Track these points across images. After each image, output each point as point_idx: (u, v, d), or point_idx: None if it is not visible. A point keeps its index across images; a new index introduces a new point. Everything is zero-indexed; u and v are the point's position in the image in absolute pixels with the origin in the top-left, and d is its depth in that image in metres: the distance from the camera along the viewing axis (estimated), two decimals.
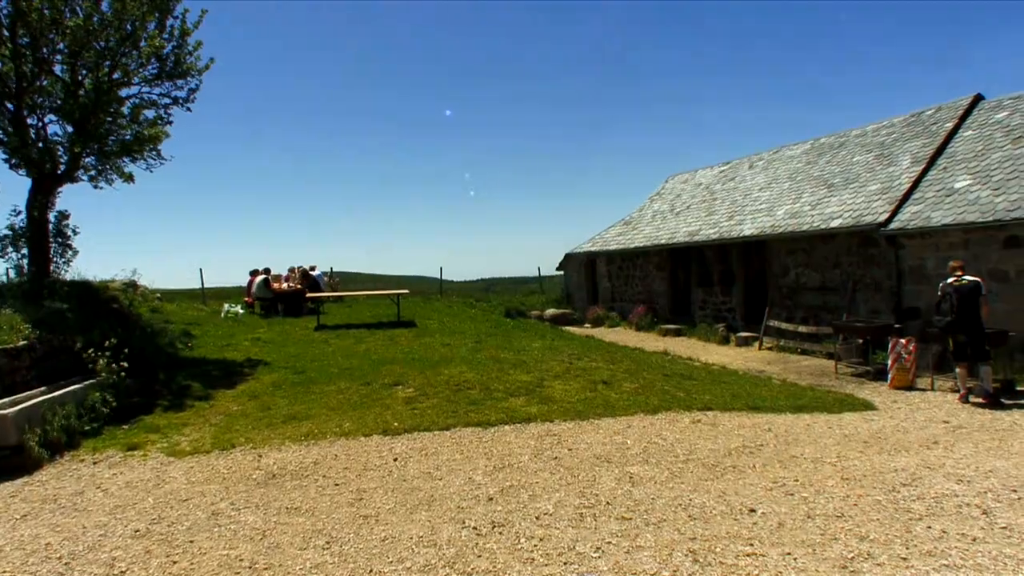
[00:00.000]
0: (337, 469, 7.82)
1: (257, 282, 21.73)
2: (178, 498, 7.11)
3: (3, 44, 13.46)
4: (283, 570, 5.26)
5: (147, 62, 14.67)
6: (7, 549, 6.03)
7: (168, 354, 13.89)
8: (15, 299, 12.21)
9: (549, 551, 5.37)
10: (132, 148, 14.99)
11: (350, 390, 11.40)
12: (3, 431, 8.33)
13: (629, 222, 28.63)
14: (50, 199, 14.39)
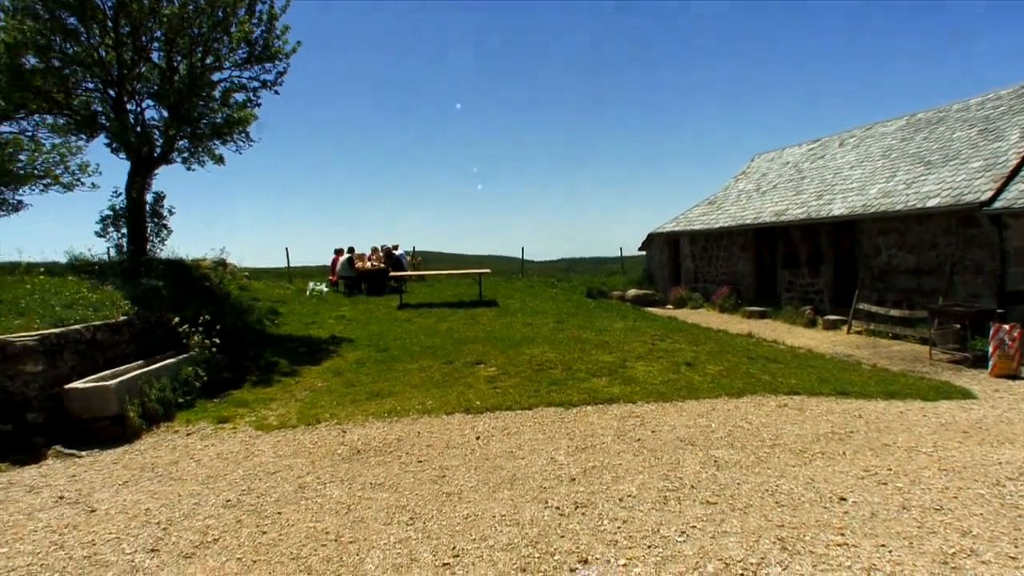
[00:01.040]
0: (420, 446, 7.91)
1: (341, 261, 22.14)
2: (266, 471, 7.31)
3: (107, 34, 14.03)
4: (368, 544, 5.34)
5: (237, 47, 15.05)
6: (112, 512, 6.33)
7: (256, 331, 14.30)
8: (115, 276, 12.77)
9: (632, 533, 5.30)
10: (223, 130, 15.44)
11: (432, 368, 11.51)
12: (106, 401, 8.75)
13: (713, 202, 28.03)
14: (147, 181, 14.96)
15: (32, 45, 13.75)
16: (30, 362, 8.52)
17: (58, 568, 5.23)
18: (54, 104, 15.04)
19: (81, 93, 15.01)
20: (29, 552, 5.56)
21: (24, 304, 10.17)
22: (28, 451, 8.26)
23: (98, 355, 9.93)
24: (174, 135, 14.75)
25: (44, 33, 13.72)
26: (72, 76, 14.53)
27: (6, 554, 5.55)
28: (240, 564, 5.13)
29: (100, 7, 13.75)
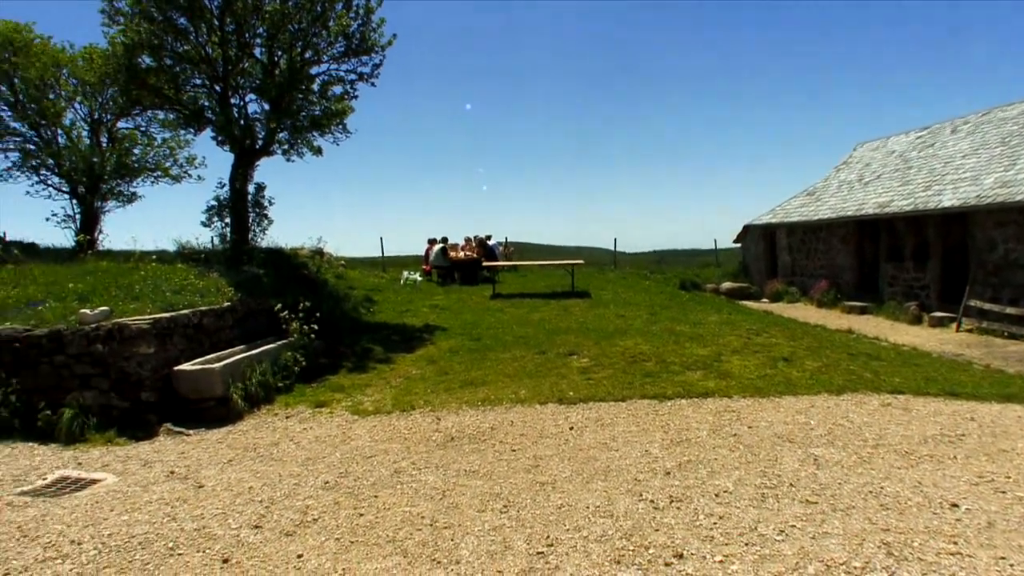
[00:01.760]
0: (513, 435, 7.94)
1: (435, 251, 22.44)
2: (363, 455, 7.47)
3: (213, 32, 14.60)
4: (462, 530, 5.39)
5: (335, 40, 15.40)
6: (218, 489, 6.60)
7: (352, 318, 14.63)
8: (220, 264, 13.28)
9: (729, 530, 5.18)
10: (321, 123, 15.85)
11: (525, 358, 11.53)
12: (212, 383, 9.13)
13: (812, 193, 27.16)
14: (249, 172, 15.49)
15: (147, 45, 14.45)
16: (144, 344, 8.96)
17: (171, 538, 5.49)
18: (165, 100, 15.74)
19: (189, 89, 15.66)
20: (146, 521, 5.86)
21: (138, 290, 10.68)
22: (142, 427, 8.71)
23: (204, 339, 10.35)
24: (275, 128, 15.22)
25: (157, 34, 14.39)
26: (182, 73, 15.19)
27: (127, 521, 5.87)
28: (339, 544, 5.25)
29: (207, 6, 14.31)
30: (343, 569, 4.86)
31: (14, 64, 21.26)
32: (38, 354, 8.96)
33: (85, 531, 5.71)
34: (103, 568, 5.04)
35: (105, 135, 23.50)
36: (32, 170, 22.97)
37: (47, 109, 22.22)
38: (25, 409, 8.77)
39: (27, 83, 21.65)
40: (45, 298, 10.23)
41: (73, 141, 23.00)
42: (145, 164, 23.90)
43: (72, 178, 22.82)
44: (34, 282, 11.13)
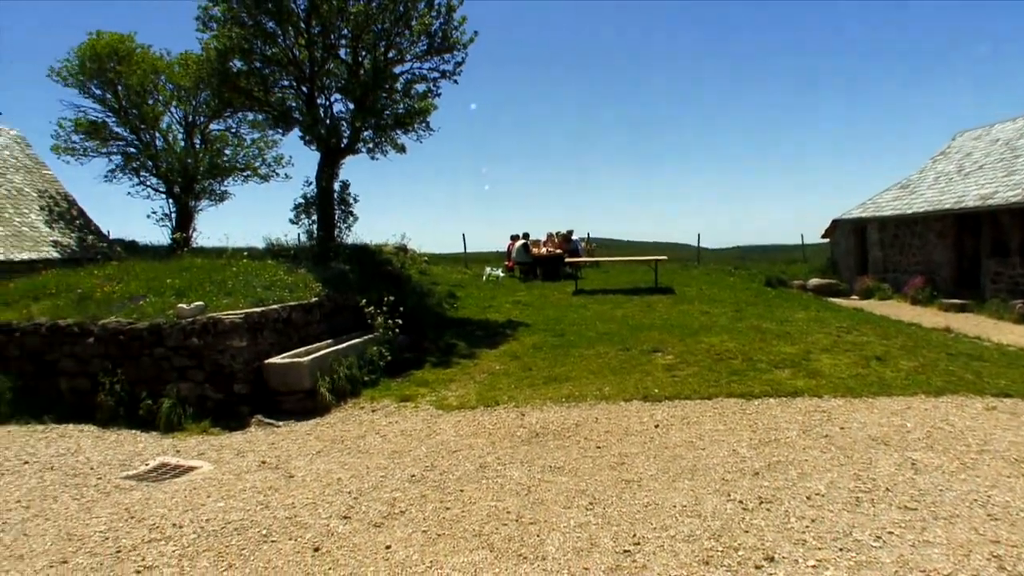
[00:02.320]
0: (598, 432, 7.87)
1: (517, 247, 22.48)
2: (448, 449, 7.53)
3: (300, 35, 15.00)
4: (548, 526, 5.37)
5: (417, 39, 15.59)
6: (307, 479, 6.76)
7: (436, 314, 14.78)
8: (307, 260, 13.60)
9: (822, 534, 5.02)
10: (404, 121, 16.08)
11: (609, 355, 11.43)
12: (300, 376, 9.35)
13: (906, 185, 26.12)
14: (335, 171, 15.82)
15: (238, 49, 14.94)
16: (236, 338, 9.23)
17: (265, 525, 5.65)
18: (255, 102, 16.22)
19: (278, 91, 16.11)
20: (241, 508, 6.05)
21: (231, 285, 11.02)
22: (235, 418, 8.98)
23: (293, 333, 10.61)
24: (360, 127, 15.49)
25: (247, 38, 14.85)
26: (270, 75, 15.64)
27: (222, 508, 6.08)
28: (425, 536, 5.30)
29: (294, 10, 14.69)
30: (430, 561, 4.90)
31: (118, 72, 22.33)
32: (140, 346, 9.36)
33: (185, 515, 5.93)
34: (202, 551, 5.23)
35: (199, 137, 24.44)
36: (133, 172, 24.10)
37: (146, 114, 23.25)
38: (128, 398, 9.17)
39: (129, 90, 22.68)
40: (146, 293, 10.65)
41: (169, 143, 24.00)
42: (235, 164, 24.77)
43: (168, 178, 23.81)
44: (136, 278, 11.60)
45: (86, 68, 22.52)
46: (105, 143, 23.77)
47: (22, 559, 5.27)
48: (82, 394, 9.51)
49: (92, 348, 9.55)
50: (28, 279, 12.83)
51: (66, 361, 9.71)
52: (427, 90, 16.29)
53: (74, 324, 9.79)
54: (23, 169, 22.17)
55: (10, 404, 9.53)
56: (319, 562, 4.96)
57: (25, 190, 21.31)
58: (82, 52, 22.42)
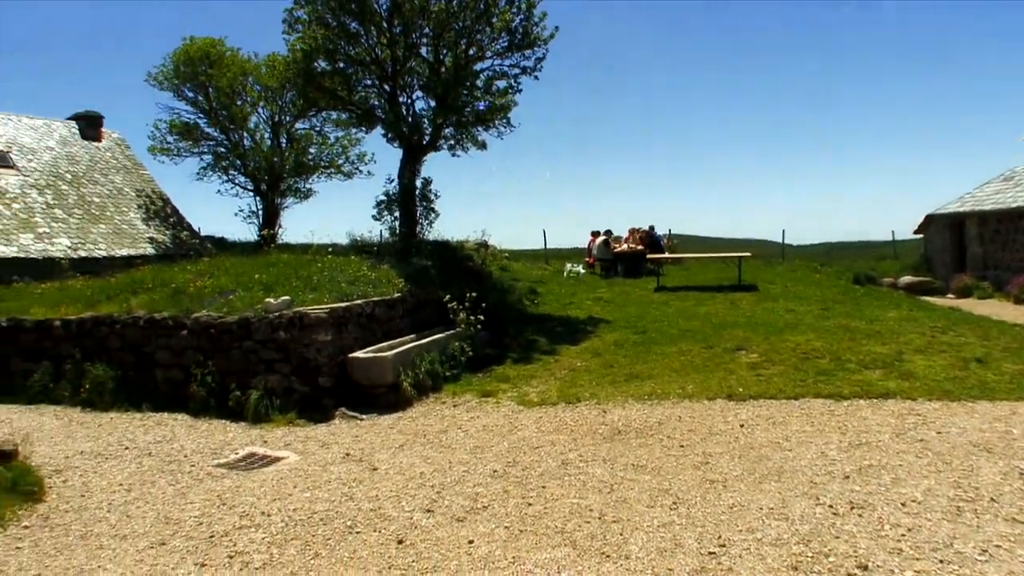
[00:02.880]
0: (681, 431, 7.73)
1: (598, 243, 22.33)
2: (530, 445, 7.50)
3: (382, 34, 15.23)
4: (631, 525, 5.29)
5: (498, 36, 15.62)
6: (391, 472, 6.84)
7: (516, 310, 14.78)
8: (390, 256, 13.79)
9: (920, 544, 4.78)
10: (485, 117, 16.16)
11: (692, 352, 11.23)
12: (383, 371, 9.48)
13: (1010, 178, 24.87)
14: (416, 167, 15.99)
15: (322, 50, 15.28)
16: (322, 332, 9.41)
17: (350, 516, 5.74)
18: (339, 101, 16.54)
19: (361, 90, 16.38)
20: (326, 499, 6.17)
21: (316, 280, 11.24)
22: (319, 411, 9.16)
23: (376, 328, 10.76)
24: (441, 124, 15.64)
25: (331, 39, 15.17)
26: (354, 75, 15.92)
27: (309, 498, 6.21)
28: (508, 532, 5.29)
29: (377, 10, 14.91)
30: (513, 557, 4.89)
31: (209, 75, 23.15)
32: (230, 339, 9.64)
33: (273, 504, 6.08)
34: (290, 539, 5.34)
35: (284, 136, 25.14)
36: (222, 170, 24.98)
37: (235, 114, 24.04)
38: (218, 389, 9.46)
39: (219, 92, 23.49)
40: (235, 288, 10.97)
41: (257, 143, 24.75)
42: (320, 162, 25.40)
43: (256, 177, 24.57)
44: (225, 273, 11.97)
45: (180, 72, 23.45)
46: (197, 143, 24.72)
47: (125, 539, 5.52)
48: (176, 384, 9.86)
49: (185, 340, 9.89)
50: (127, 274, 13.40)
51: (161, 353, 10.09)
52: (508, 87, 16.34)
53: (169, 317, 10.17)
54: (123, 170, 23.17)
55: (112, 393, 9.99)
56: (403, 554, 5.00)
57: (125, 189, 22.27)
58: (176, 57, 23.35)
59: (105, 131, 24.10)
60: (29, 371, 10.74)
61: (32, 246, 17.91)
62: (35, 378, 10.60)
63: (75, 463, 7.51)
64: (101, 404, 9.93)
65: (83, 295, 12.16)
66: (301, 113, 23.91)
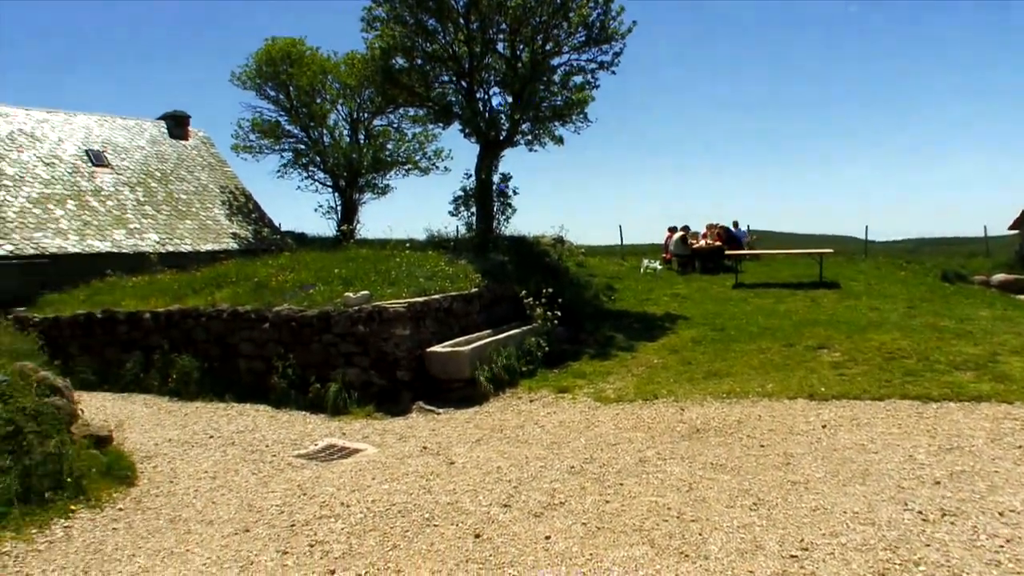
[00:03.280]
0: (761, 430, 7.56)
1: (674, 239, 22.02)
2: (607, 442, 7.45)
3: (459, 31, 15.32)
4: (710, 525, 5.20)
5: (575, 31, 15.52)
6: (468, 467, 6.88)
7: (593, 306, 14.71)
8: (467, 252, 13.87)
9: (1020, 556, 4.55)
10: (562, 113, 16.08)
11: (771, 350, 10.97)
12: (460, 365, 9.55)
13: None
14: (493, 163, 16.03)
15: (400, 47, 15.47)
16: (400, 326, 9.53)
17: (427, 509, 5.79)
18: (416, 97, 16.71)
19: (438, 86, 16.50)
20: (404, 492, 6.24)
21: (394, 275, 11.38)
22: (397, 404, 9.29)
23: (453, 323, 10.84)
24: (518, 119, 15.63)
25: (409, 36, 15.34)
26: (431, 72, 16.06)
27: (387, 490, 6.30)
28: (585, 529, 5.26)
29: (454, 7, 15.00)
30: (590, 554, 4.85)
31: (290, 74, 23.71)
32: (310, 332, 9.85)
33: (352, 495, 6.18)
34: (369, 531, 5.42)
35: (363, 133, 25.56)
36: (302, 167, 25.56)
37: (315, 112, 24.57)
38: (299, 381, 9.68)
39: (300, 90, 24.05)
40: (315, 282, 11.20)
41: (336, 140, 25.25)
42: (397, 158, 25.71)
43: (335, 173, 25.06)
44: (306, 268, 12.24)
45: (262, 72, 24.09)
46: (278, 141, 25.36)
47: (211, 524, 5.70)
48: (258, 376, 10.14)
49: (267, 333, 10.15)
50: (211, 268, 13.85)
51: (244, 345, 10.39)
52: (585, 81, 16.23)
53: (252, 310, 10.45)
54: (208, 167, 23.94)
55: (197, 383, 10.35)
56: (480, 548, 5.02)
57: (209, 186, 23.00)
58: (259, 57, 23.98)
59: (192, 130, 24.92)
60: (122, 361, 11.24)
61: (124, 241, 18.67)
62: (127, 367, 11.10)
63: (163, 450, 7.80)
64: (187, 393, 10.30)
65: (170, 288, 12.64)
66: (379, 110, 24.27)
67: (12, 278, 15.49)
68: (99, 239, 18.16)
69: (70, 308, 12.86)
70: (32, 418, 6.19)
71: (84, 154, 20.63)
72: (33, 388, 6.54)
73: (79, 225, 18.20)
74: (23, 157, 19.05)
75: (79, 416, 6.96)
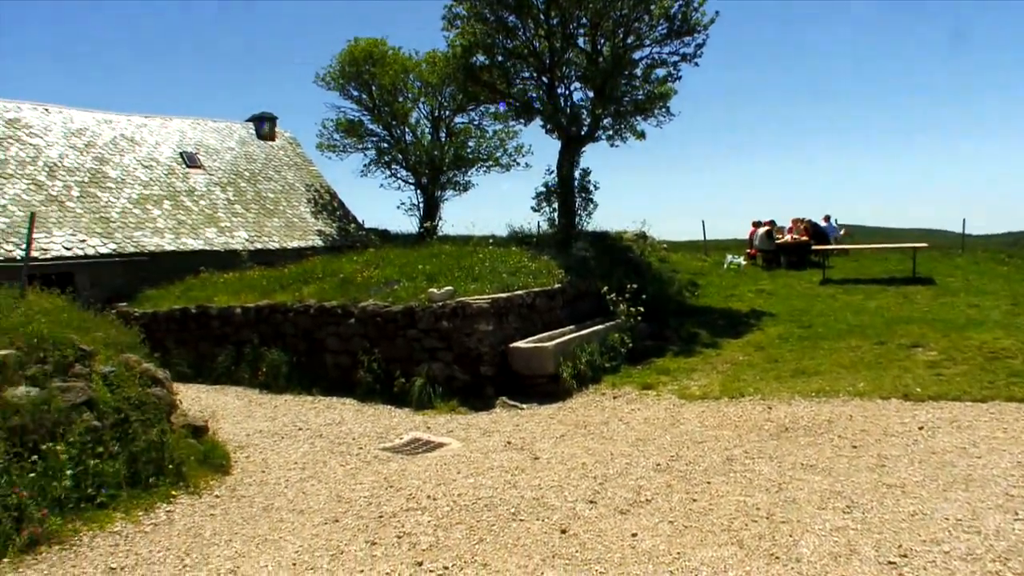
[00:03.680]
0: (853, 430, 7.33)
1: (759, 233, 21.52)
2: (692, 439, 7.35)
3: (539, 26, 15.33)
4: (801, 527, 5.06)
5: (657, 24, 15.35)
6: (552, 462, 6.89)
7: (676, 302, 14.52)
8: (549, 247, 13.88)
9: None
10: (644, 107, 15.91)
11: (862, 348, 10.62)
12: (543, 361, 9.56)
13: None
14: (575, 158, 15.99)
15: (481, 45, 15.56)
16: (483, 321, 9.60)
17: (513, 504, 5.82)
18: (497, 94, 16.78)
19: (519, 83, 16.55)
20: (489, 486, 6.29)
21: (477, 271, 11.46)
22: (480, 399, 9.39)
23: (536, 318, 10.87)
24: (599, 114, 15.54)
25: (490, 33, 15.43)
26: (512, 68, 16.10)
27: (472, 484, 6.36)
28: (672, 527, 5.20)
29: (534, 3, 14.99)
30: (677, 553, 4.80)
31: (372, 74, 24.12)
32: (394, 328, 10.01)
33: (438, 488, 6.26)
34: (455, 524, 5.48)
35: (444, 130, 25.78)
36: (385, 165, 25.96)
37: (397, 111, 24.92)
38: (383, 376, 9.87)
39: (382, 89, 24.44)
40: (399, 278, 11.38)
41: (418, 137, 25.57)
42: (478, 155, 25.88)
43: (417, 171, 25.37)
44: (390, 264, 12.44)
45: (345, 72, 24.56)
46: (361, 140, 25.81)
47: (302, 514, 5.86)
48: (344, 370, 10.37)
49: (353, 328, 10.37)
50: (298, 264, 14.21)
51: (331, 339, 10.63)
52: (667, 74, 16.04)
53: (338, 306, 10.69)
54: (294, 166, 24.55)
55: (286, 376, 10.67)
56: (566, 544, 5.02)
57: (296, 185, 23.58)
58: (342, 58, 24.46)
59: (278, 131, 25.58)
60: (214, 354, 11.67)
61: (215, 239, 19.30)
62: (219, 360, 11.52)
63: (255, 440, 8.07)
64: (276, 386, 10.62)
65: (259, 284, 13.02)
66: (460, 107, 24.48)
67: (115, 275, 16.23)
68: (192, 237, 18.83)
69: (166, 303, 13.42)
70: (137, 407, 6.50)
71: (179, 156, 21.42)
72: (137, 379, 6.84)
73: (174, 224, 18.90)
74: (124, 160, 19.91)
75: (177, 406, 7.25)
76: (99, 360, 6.78)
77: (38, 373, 6.16)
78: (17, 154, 17.70)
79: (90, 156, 19.23)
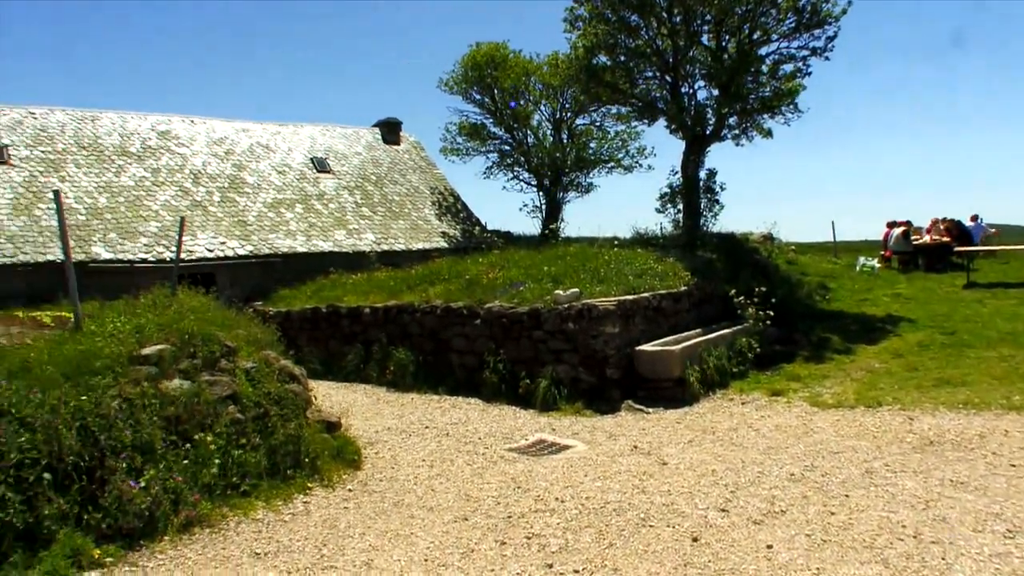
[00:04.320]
0: (1010, 447, 6.84)
1: (894, 234, 20.50)
2: (828, 449, 7.06)
3: (662, 25, 15.16)
4: (955, 549, 4.75)
5: (784, 17, 14.92)
6: (681, 468, 6.77)
7: (806, 306, 14.04)
8: (675, 249, 13.68)
9: None
10: (771, 104, 15.48)
11: (1016, 358, 9.91)
12: (669, 365, 9.42)
13: None
14: (700, 159, 15.71)
15: (603, 45, 15.52)
16: (609, 324, 9.54)
17: (642, 509, 5.75)
18: (620, 94, 16.68)
19: (641, 82, 16.41)
20: (617, 490, 6.24)
21: (603, 273, 11.40)
22: (605, 402, 9.31)
23: (662, 321, 10.72)
24: (725, 113, 15.24)
25: (612, 33, 15.36)
26: (635, 68, 15.97)
27: (600, 488, 6.32)
28: (809, 541, 5.01)
29: (656, 1, 14.80)
30: (816, 568, 4.62)
31: (494, 78, 24.45)
32: (520, 329, 10.08)
33: (565, 491, 6.26)
34: (584, 527, 5.46)
35: (565, 132, 25.83)
36: (507, 168, 26.27)
37: (519, 113, 25.11)
38: (509, 377, 9.94)
39: (504, 92, 24.75)
40: (524, 280, 11.44)
41: (539, 140, 25.74)
42: (600, 156, 25.79)
43: (539, 173, 25.54)
44: (515, 265, 12.54)
45: (468, 76, 25.00)
46: (483, 143, 26.22)
47: (432, 511, 5.98)
48: (469, 370, 10.53)
49: (478, 329, 10.51)
50: (424, 266, 14.53)
51: (456, 340, 10.81)
52: (795, 70, 15.54)
53: (464, 307, 10.85)
54: (418, 170, 25.16)
55: (412, 375, 10.93)
56: (698, 552, 4.92)
57: (420, 188, 24.15)
58: (464, 62, 24.91)
59: (403, 135, 26.28)
60: (344, 352, 12.08)
61: (344, 241, 20.02)
62: (348, 359, 11.91)
63: (384, 437, 8.29)
64: (403, 385, 10.89)
65: (387, 285, 13.38)
66: (582, 109, 24.49)
67: (252, 275, 17.12)
68: (322, 239, 19.59)
69: (299, 303, 14.01)
70: (276, 402, 6.81)
71: (309, 161, 22.36)
72: (275, 375, 7.17)
73: (305, 227, 19.74)
74: (260, 167, 20.99)
75: (312, 402, 7.54)
76: (241, 356, 7.13)
77: (189, 367, 6.53)
78: (167, 163, 19.06)
79: (229, 163, 20.42)
